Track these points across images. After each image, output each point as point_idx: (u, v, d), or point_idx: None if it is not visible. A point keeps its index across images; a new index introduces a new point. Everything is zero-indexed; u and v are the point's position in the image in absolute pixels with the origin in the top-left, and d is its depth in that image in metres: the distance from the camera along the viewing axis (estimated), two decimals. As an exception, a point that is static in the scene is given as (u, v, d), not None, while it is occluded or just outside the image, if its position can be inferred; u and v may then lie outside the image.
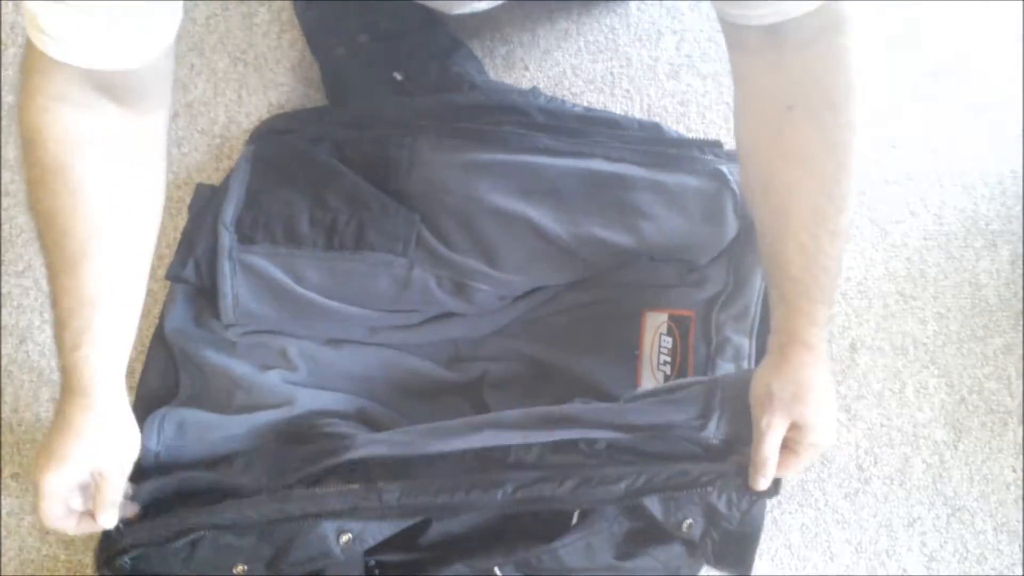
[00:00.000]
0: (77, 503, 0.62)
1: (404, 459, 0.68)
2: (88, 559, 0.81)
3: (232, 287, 0.74)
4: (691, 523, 0.67)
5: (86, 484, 0.61)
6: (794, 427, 0.62)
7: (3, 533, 0.81)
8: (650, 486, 0.65)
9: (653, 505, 0.66)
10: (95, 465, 0.61)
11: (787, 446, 0.63)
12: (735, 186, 0.74)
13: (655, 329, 0.80)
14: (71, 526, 0.62)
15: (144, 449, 0.68)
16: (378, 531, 0.68)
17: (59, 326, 0.58)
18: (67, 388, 0.60)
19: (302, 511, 0.66)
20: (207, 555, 0.66)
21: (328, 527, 0.66)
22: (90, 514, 0.62)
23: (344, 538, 0.66)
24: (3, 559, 0.81)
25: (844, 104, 0.56)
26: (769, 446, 0.61)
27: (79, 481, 0.61)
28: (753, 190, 0.62)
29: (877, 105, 0.93)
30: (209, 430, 0.73)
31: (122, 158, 0.58)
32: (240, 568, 0.67)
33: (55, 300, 0.58)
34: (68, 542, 0.82)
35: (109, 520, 0.62)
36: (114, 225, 0.58)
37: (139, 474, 0.69)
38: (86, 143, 0.55)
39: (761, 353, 0.68)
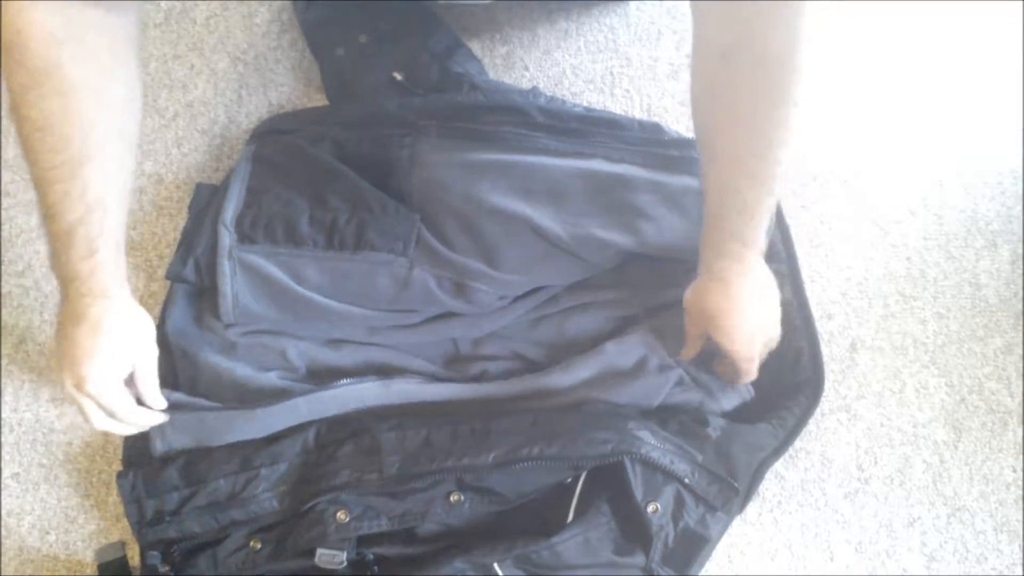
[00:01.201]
0: (124, 396, 0.67)
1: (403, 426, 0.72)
2: (88, 558, 0.81)
3: (232, 287, 0.74)
4: (657, 508, 0.71)
5: (124, 379, 0.67)
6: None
7: (3, 533, 0.81)
8: (634, 450, 0.69)
9: (636, 481, 0.70)
10: (130, 357, 0.67)
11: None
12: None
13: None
14: (122, 427, 0.69)
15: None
16: (375, 520, 0.69)
17: (65, 237, 0.59)
18: (82, 293, 0.62)
19: (316, 488, 0.69)
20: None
21: (327, 502, 0.69)
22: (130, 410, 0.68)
23: (340, 515, 0.69)
24: (3, 559, 0.81)
25: (780, 61, 0.56)
26: (692, 347, 0.73)
27: (121, 375, 0.67)
28: (695, 126, 0.65)
29: (876, 105, 0.93)
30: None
31: (100, 54, 0.57)
32: (255, 543, 0.72)
33: (56, 211, 0.58)
34: (68, 542, 0.82)
35: (157, 401, 0.71)
36: (106, 124, 0.58)
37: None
38: (68, 42, 0.54)
39: None
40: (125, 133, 0.61)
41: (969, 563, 0.83)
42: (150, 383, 0.70)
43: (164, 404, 0.72)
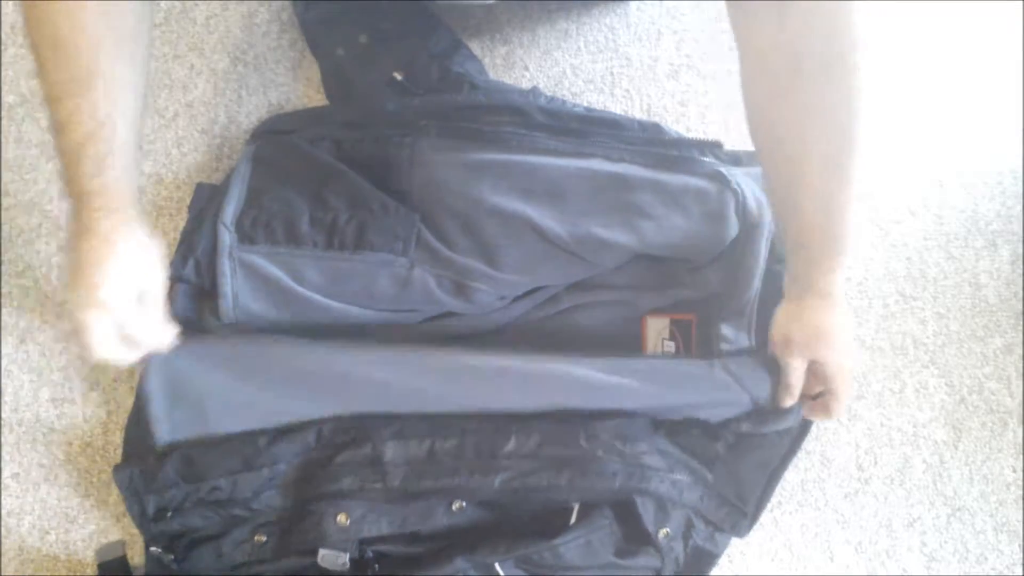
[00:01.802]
0: (132, 320, 0.64)
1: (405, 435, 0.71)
2: (89, 558, 0.81)
3: (232, 287, 0.74)
4: (668, 532, 0.72)
5: (131, 305, 0.64)
6: (815, 364, 0.68)
7: (3, 533, 0.81)
8: (643, 487, 0.67)
9: (647, 509, 0.70)
10: (139, 277, 0.64)
11: (819, 395, 0.70)
12: (736, 187, 0.74)
13: (657, 334, 0.80)
14: (125, 351, 0.65)
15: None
16: (376, 523, 0.69)
17: (76, 151, 0.59)
18: (94, 207, 0.61)
19: (317, 491, 0.69)
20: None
21: (327, 506, 0.69)
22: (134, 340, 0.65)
23: (341, 518, 0.68)
24: (3, 559, 0.81)
25: (850, 51, 0.56)
26: (794, 377, 0.69)
27: (131, 292, 0.64)
28: (764, 144, 0.63)
29: (877, 106, 0.93)
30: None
31: None
32: (260, 537, 0.72)
33: (65, 129, 0.59)
34: (68, 542, 0.82)
35: (169, 331, 0.69)
36: (115, 47, 0.59)
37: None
38: None
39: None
40: (135, 59, 0.62)
41: (969, 563, 0.83)
42: (158, 309, 0.68)
43: (175, 330, 0.70)
